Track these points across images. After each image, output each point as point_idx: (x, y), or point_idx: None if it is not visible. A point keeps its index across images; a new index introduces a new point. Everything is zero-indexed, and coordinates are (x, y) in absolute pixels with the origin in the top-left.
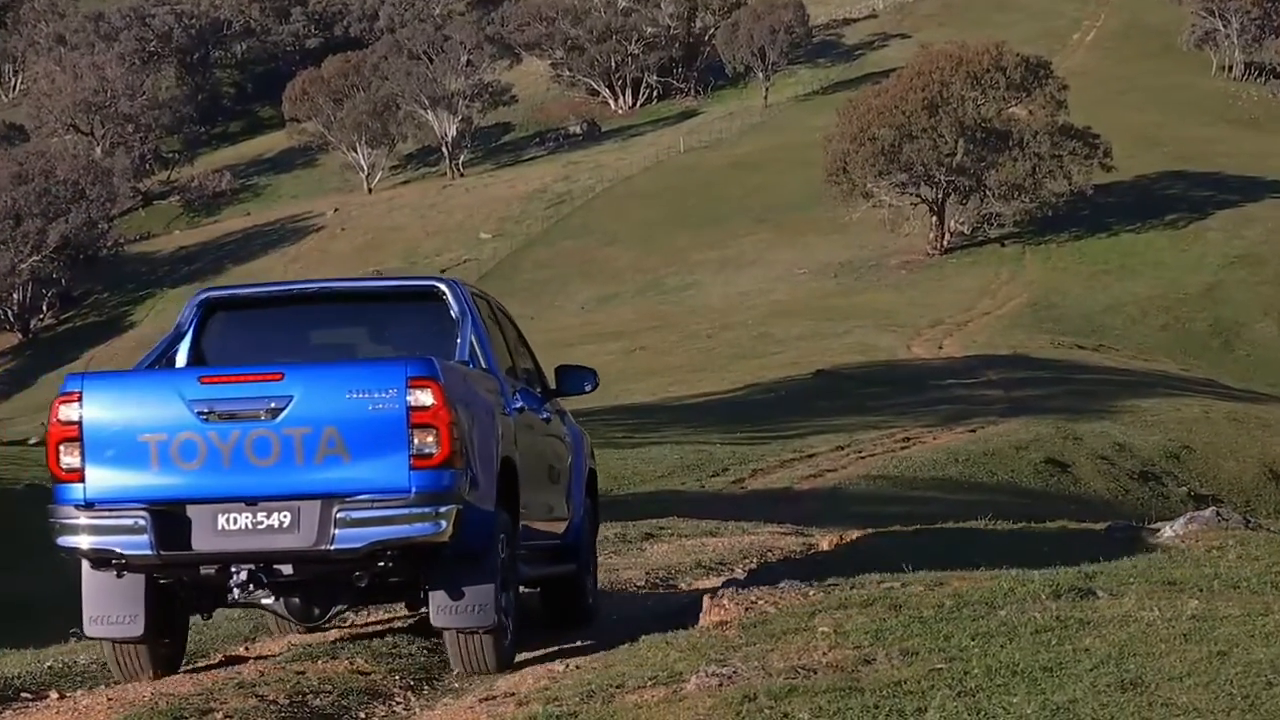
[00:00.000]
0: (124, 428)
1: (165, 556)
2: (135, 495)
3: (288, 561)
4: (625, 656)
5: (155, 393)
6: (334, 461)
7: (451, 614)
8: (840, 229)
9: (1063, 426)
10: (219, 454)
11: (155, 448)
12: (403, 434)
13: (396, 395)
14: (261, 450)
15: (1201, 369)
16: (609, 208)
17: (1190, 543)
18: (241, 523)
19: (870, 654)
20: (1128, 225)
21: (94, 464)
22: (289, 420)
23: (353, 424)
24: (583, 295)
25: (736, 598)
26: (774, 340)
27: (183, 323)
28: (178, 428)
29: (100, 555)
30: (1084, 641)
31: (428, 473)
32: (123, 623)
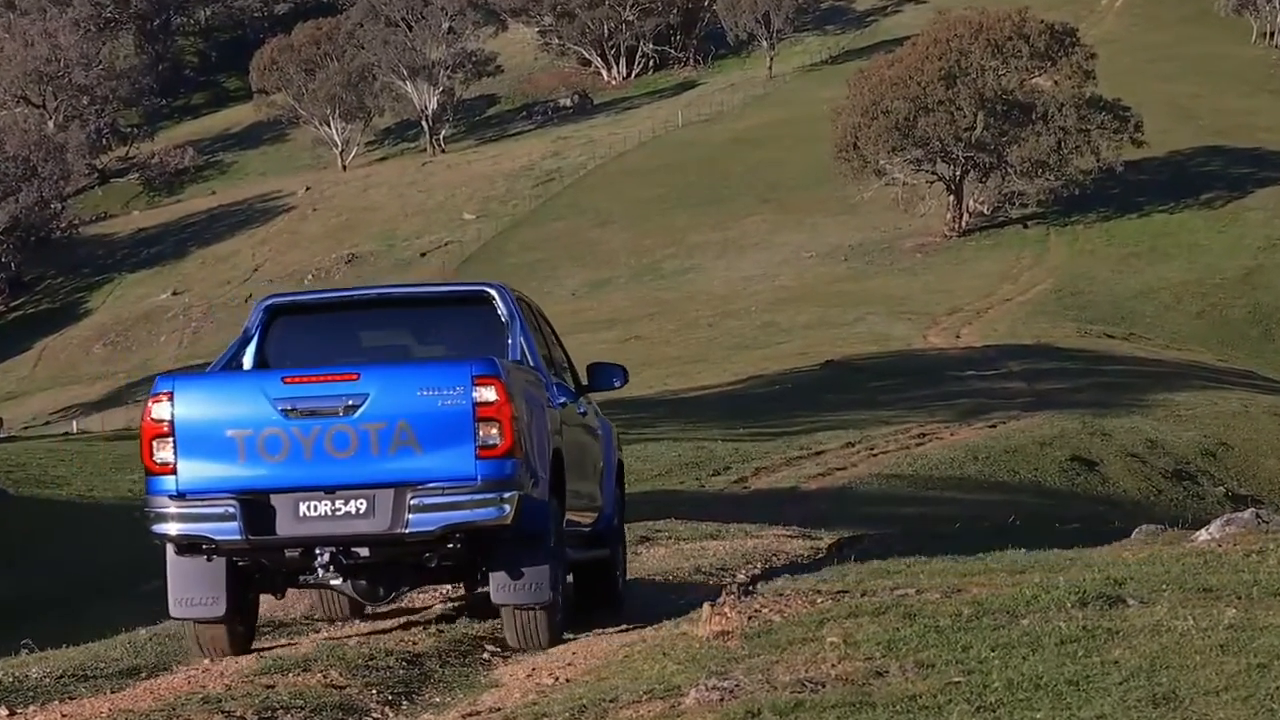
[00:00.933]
0: (213, 424)
1: (253, 541)
2: (224, 486)
3: (365, 545)
4: (619, 669)
5: (241, 392)
6: (406, 453)
7: (510, 592)
8: (850, 209)
9: (1090, 422)
10: (301, 447)
11: (242, 442)
12: (469, 427)
13: (463, 392)
14: (340, 443)
15: (1240, 359)
16: (601, 186)
17: (1228, 546)
18: (322, 509)
19: (882, 666)
20: (1160, 205)
21: (185, 458)
22: (365, 416)
23: (423, 418)
24: (573, 280)
25: (739, 605)
26: (779, 329)
27: (249, 327)
28: (263, 424)
29: (192, 541)
30: (1113, 653)
31: (492, 462)
32: (206, 604)
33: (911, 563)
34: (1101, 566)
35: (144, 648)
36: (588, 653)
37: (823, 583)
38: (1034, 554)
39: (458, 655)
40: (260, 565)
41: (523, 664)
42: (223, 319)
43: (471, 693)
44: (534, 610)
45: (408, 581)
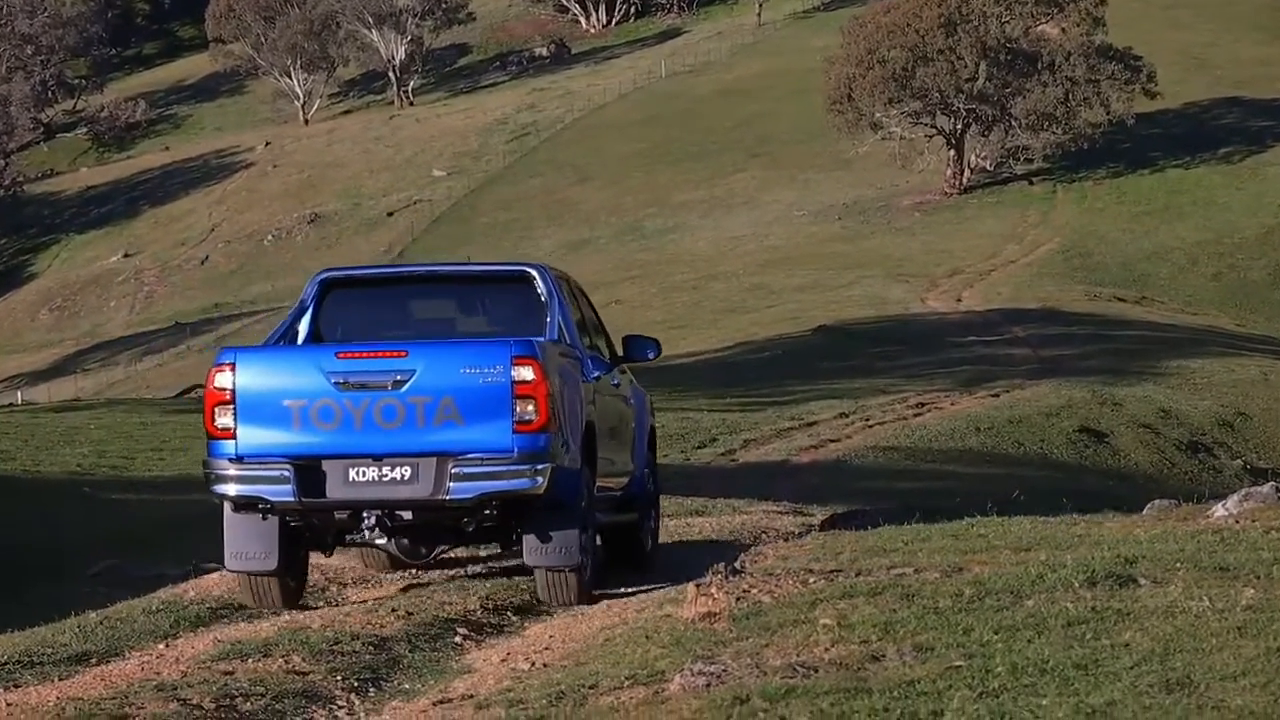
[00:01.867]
0: (271, 394)
1: (305, 503)
2: (280, 451)
3: (409, 509)
4: (599, 653)
5: (298, 365)
6: (449, 425)
7: (542, 555)
8: (844, 165)
9: (1099, 391)
10: (352, 417)
11: (297, 411)
12: (507, 403)
13: (503, 371)
14: (388, 415)
15: (1259, 324)
16: (580, 141)
17: (1246, 523)
18: (369, 475)
19: (879, 650)
20: (1174, 160)
21: (244, 424)
22: (412, 390)
23: (465, 394)
24: (550, 241)
25: (726, 586)
26: (769, 292)
27: (305, 299)
28: (317, 394)
29: (248, 501)
30: (1123, 636)
31: (527, 436)
32: (259, 559)
33: (909, 540)
34: (1111, 544)
35: (94, 632)
36: (566, 636)
37: (815, 561)
38: (1040, 530)
39: (427, 639)
40: (311, 524)
41: (496, 648)
42: (177, 283)
43: (442, 679)
44: (564, 571)
45: (447, 541)
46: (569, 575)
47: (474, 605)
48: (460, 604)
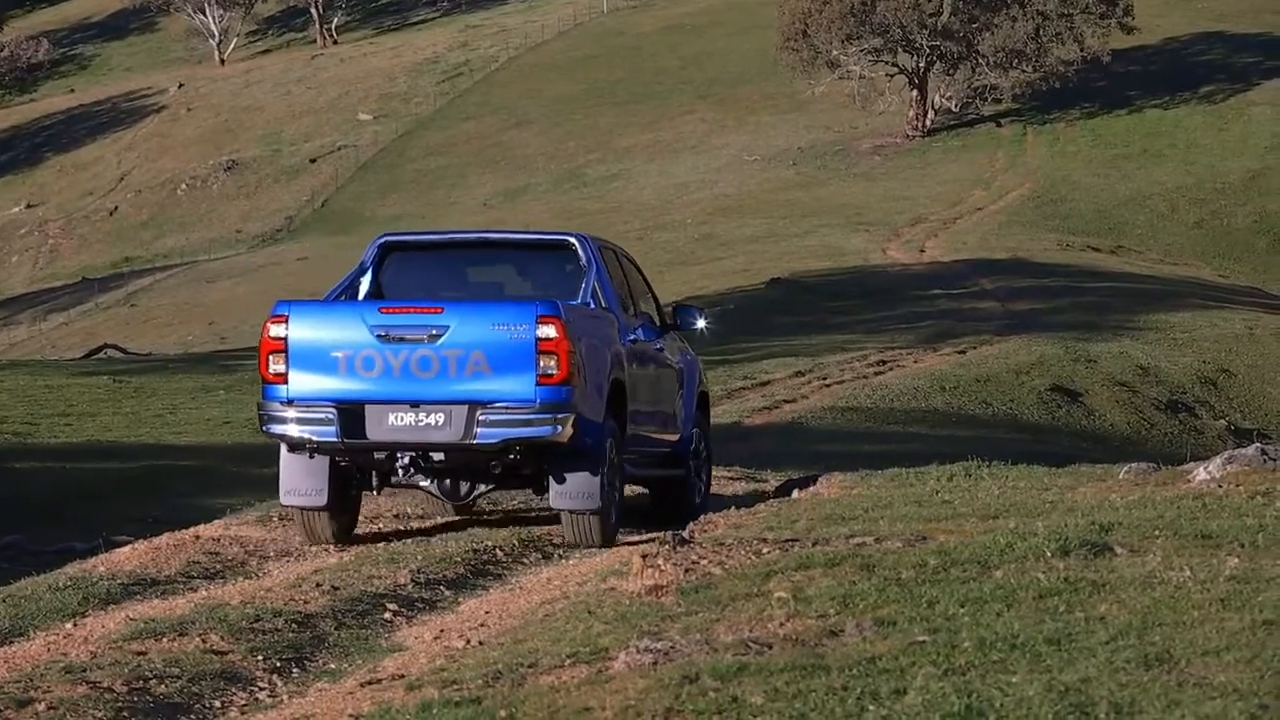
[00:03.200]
0: (320, 344)
1: (347, 444)
2: (326, 396)
3: (440, 451)
4: (538, 629)
5: (345, 318)
6: (479, 376)
7: (566, 498)
8: (799, 107)
9: (1073, 347)
10: (391, 367)
11: (343, 360)
12: (532, 358)
13: (529, 328)
14: (424, 366)
15: (1244, 275)
16: (516, 82)
17: (1229, 487)
18: (406, 420)
19: (837, 624)
20: (1153, 100)
21: (296, 370)
22: (446, 344)
23: (494, 348)
24: (485, 189)
25: (674, 556)
26: (719, 243)
27: (365, 260)
28: (361, 346)
29: (297, 440)
30: (1099, 608)
31: (550, 388)
32: (310, 495)
33: (870, 507)
34: (1085, 510)
35: None
36: (503, 612)
37: (769, 530)
38: (1009, 496)
39: (355, 616)
40: (360, 465)
41: (429, 625)
42: (84, 235)
43: (371, 658)
44: (586, 515)
45: (484, 483)
46: (591, 519)
47: (405, 579)
48: (390, 578)
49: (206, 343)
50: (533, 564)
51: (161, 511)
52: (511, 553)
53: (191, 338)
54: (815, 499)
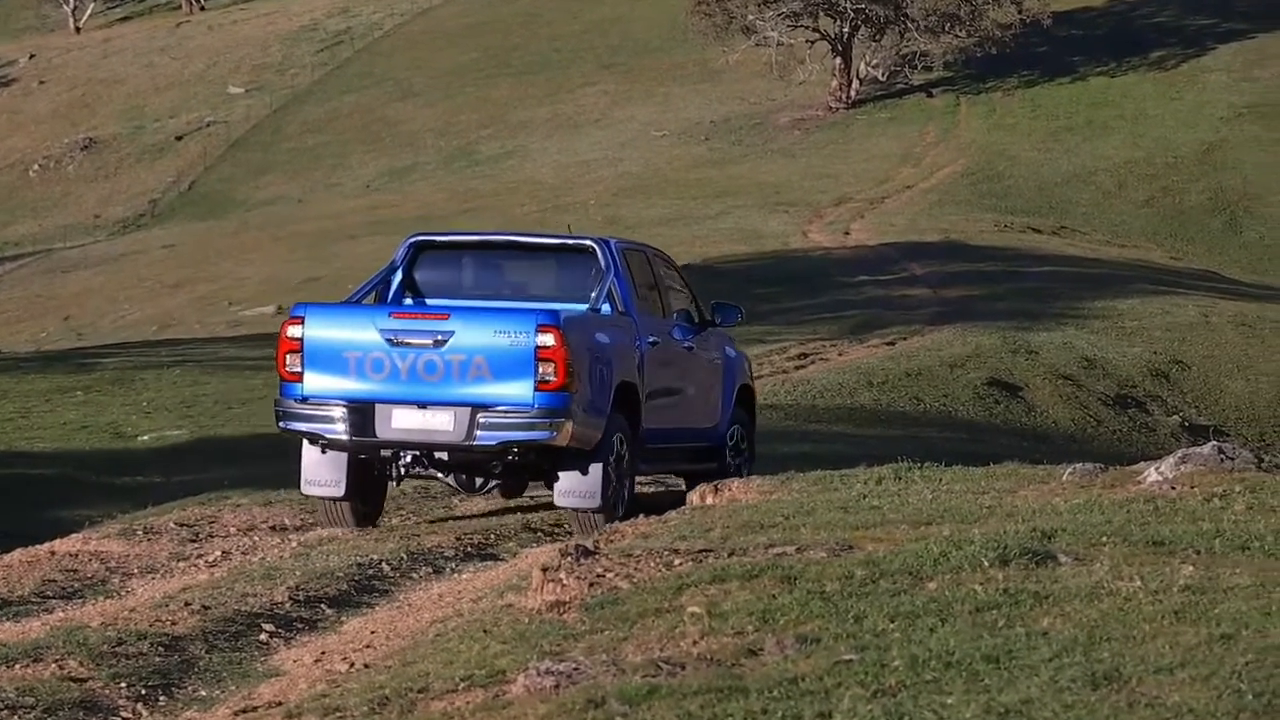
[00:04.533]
0: (333, 345)
1: (355, 441)
2: (337, 395)
3: (443, 450)
4: (429, 651)
5: (357, 321)
6: (480, 380)
7: (569, 497)
8: (712, 76)
9: (1012, 337)
10: (399, 369)
11: (354, 361)
12: (531, 364)
13: (529, 336)
14: (429, 369)
15: (1198, 257)
16: (401, 50)
17: (1183, 489)
18: (412, 420)
19: (756, 642)
20: (1099, 66)
21: (310, 370)
22: (450, 349)
23: (496, 354)
24: (368, 168)
25: (577, 569)
26: (624, 226)
27: (396, 259)
28: (371, 348)
29: (310, 435)
30: (1041, 622)
31: (547, 394)
32: (329, 486)
33: (791, 514)
34: (1026, 515)
35: None
36: (390, 631)
37: (681, 540)
38: (943, 501)
39: (227, 638)
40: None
41: (309, 647)
42: None
43: (246, 683)
44: (590, 513)
45: (496, 478)
46: (594, 516)
47: (282, 597)
48: (266, 595)
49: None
50: (423, 579)
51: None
52: (399, 567)
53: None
54: (731, 505)
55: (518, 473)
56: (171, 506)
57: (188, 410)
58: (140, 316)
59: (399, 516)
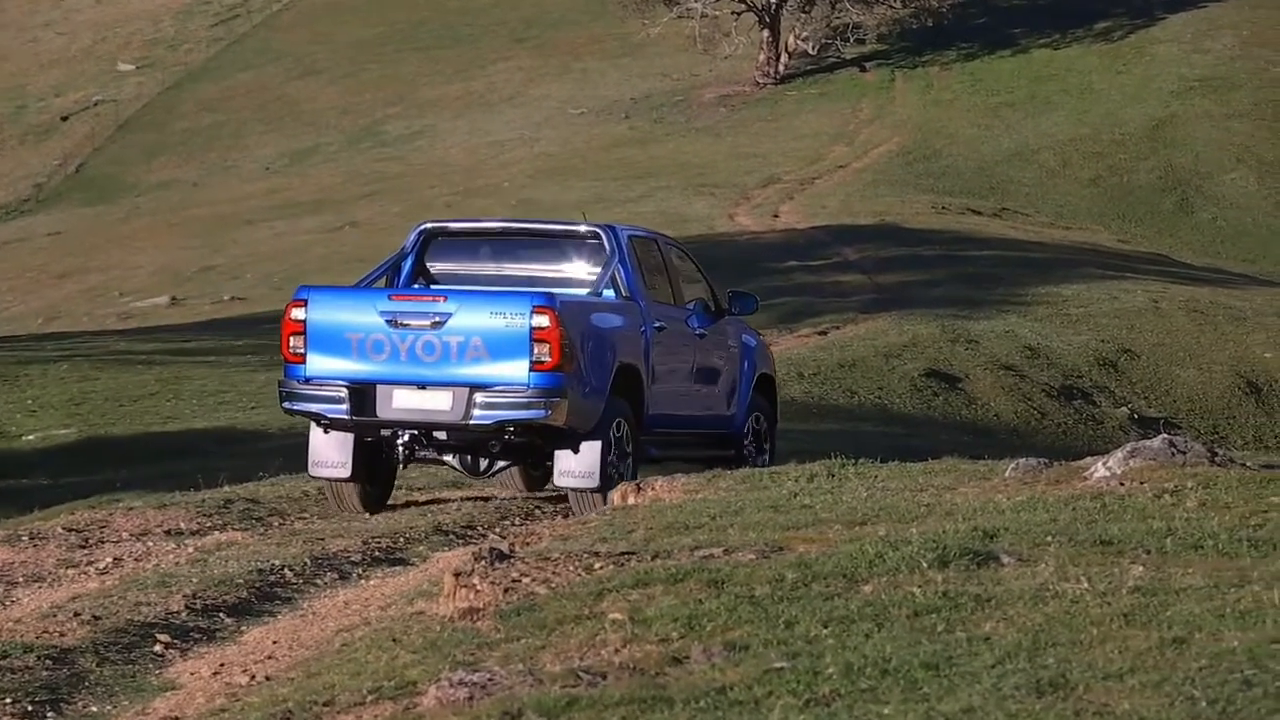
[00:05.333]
0: (335, 327)
1: (356, 420)
2: (339, 375)
3: (441, 429)
4: (335, 661)
5: (359, 304)
6: (478, 361)
7: (567, 477)
8: (632, 51)
9: (951, 325)
10: (399, 350)
11: (355, 342)
12: (526, 345)
13: (524, 318)
14: (428, 350)
15: (1147, 239)
16: (302, 24)
17: (1133, 485)
18: (412, 400)
19: (681, 650)
20: (1041, 38)
21: (313, 351)
22: (448, 330)
23: (493, 336)
24: (267, 150)
25: (491, 574)
26: (541, 208)
27: (407, 245)
28: (372, 330)
29: (313, 416)
30: (983, 627)
31: (542, 374)
32: (335, 467)
33: (717, 514)
34: (967, 514)
35: None
36: (293, 641)
37: (602, 542)
38: (878, 499)
39: (120, 650)
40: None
41: (207, 658)
42: None
43: (140, 698)
44: (588, 493)
45: (501, 459)
46: (593, 495)
47: (178, 606)
48: (161, 604)
49: None
50: (328, 585)
51: None
52: (303, 573)
53: None
54: (655, 505)
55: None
56: (59, 510)
57: (76, 408)
58: (24, 309)
59: (302, 520)
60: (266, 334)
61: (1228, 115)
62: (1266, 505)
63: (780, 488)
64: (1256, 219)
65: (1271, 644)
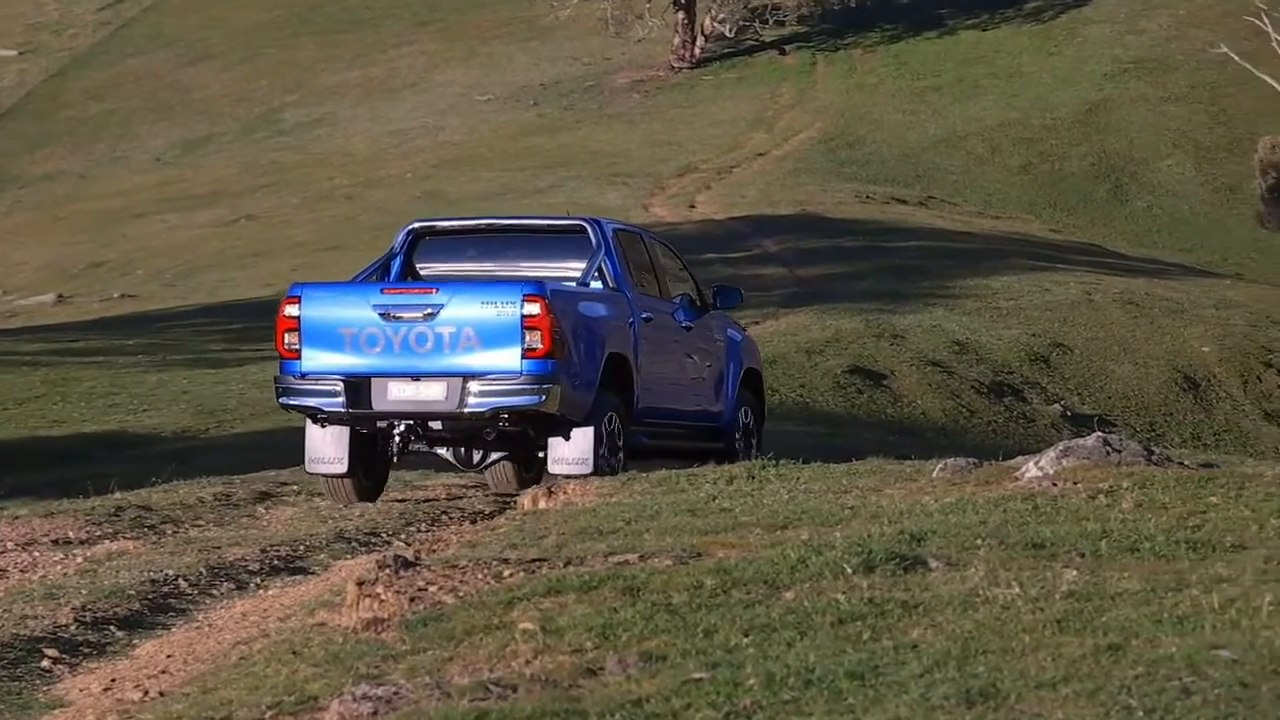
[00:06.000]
0: (329, 322)
1: (352, 413)
2: (334, 370)
3: (437, 419)
4: (232, 675)
5: (352, 299)
6: (470, 350)
7: (561, 464)
8: (541, 34)
9: (875, 320)
10: (392, 343)
11: (349, 337)
12: (518, 333)
13: (515, 306)
14: (420, 341)
15: (1080, 229)
16: (194, 8)
17: (1065, 485)
18: (407, 392)
19: (595, 660)
20: (969, 19)
21: (307, 346)
22: (440, 321)
23: (484, 325)
24: (158, 140)
25: (396, 583)
26: (446, 200)
27: (395, 245)
28: (365, 324)
29: (309, 410)
30: (910, 634)
31: (535, 361)
32: (332, 463)
33: (632, 518)
34: (893, 517)
35: None
36: (188, 655)
37: (512, 548)
38: (800, 502)
39: (5, 665)
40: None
41: (97, 674)
42: None
43: (27, 715)
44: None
45: (491, 450)
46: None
47: (66, 619)
48: (48, 617)
49: None
50: (224, 596)
51: None
52: (198, 583)
53: None
54: (567, 509)
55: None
56: None
57: None
58: None
59: (197, 527)
60: (158, 332)
61: (1163, 98)
62: (1205, 506)
63: (698, 490)
64: (1193, 207)
65: (1210, 650)
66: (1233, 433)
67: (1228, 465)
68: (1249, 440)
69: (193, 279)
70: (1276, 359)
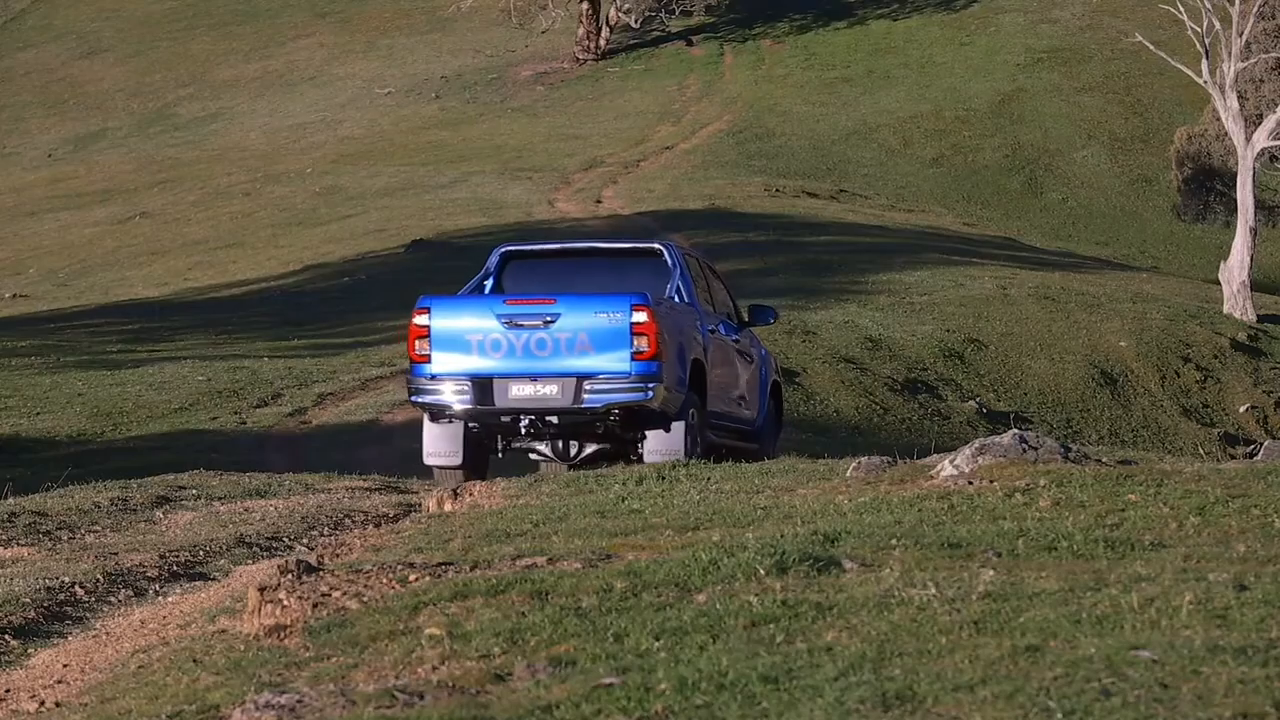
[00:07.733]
0: (456, 330)
1: (479, 410)
2: (462, 372)
3: (555, 415)
4: (131, 684)
5: (477, 309)
6: (585, 354)
7: (658, 455)
8: (442, 26)
9: (787, 316)
10: (514, 347)
11: (475, 342)
12: (627, 338)
13: (624, 315)
14: (540, 346)
15: (994, 222)
16: (85, 0)
17: (981, 483)
18: (527, 391)
19: (504, 666)
20: (879, 8)
21: (437, 351)
22: (558, 328)
23: (596, 331)
24: (49, 136)
25: (299, 589)
26: (346, 197)
27: (489, 267)
28: (489, 330)
29: (439, 408)
30: (824, 637)
31: (642, 363)
32: (449, 457)
33: (540, 520)
34: (806, 517)
35: None
36: (86, 664)
37: (417, 552)
38: (712, 503)
39: None
40: (488, 431)
41: None
42: None
43: None
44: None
45: (589, 443)
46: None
47: None
48: None
49: None
50: (122, 603)
51: None
52: (95, 590)
53: None
54: (473, 511)
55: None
56: None
57: None
58: None
59: (94, 533)
60: (52, 333)
61: (1077, 89)
62: (1123, 504)
63: (607, 491)
64: (1109, 199)
65: (1130, 650)
66: (1150, 429)
67: (1146, 462)
68: (1167, 436)
69: (87, 278)
70: (1194, 353)
